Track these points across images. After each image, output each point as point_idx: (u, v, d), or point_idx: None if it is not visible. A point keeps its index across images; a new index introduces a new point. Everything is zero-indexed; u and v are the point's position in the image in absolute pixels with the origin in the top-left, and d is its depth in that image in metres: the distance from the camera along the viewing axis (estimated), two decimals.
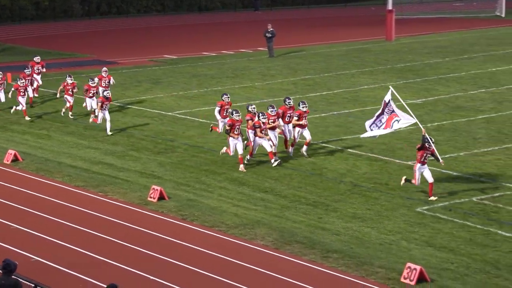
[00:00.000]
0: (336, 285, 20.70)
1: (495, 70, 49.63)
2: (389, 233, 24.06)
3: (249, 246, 23.41)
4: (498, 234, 23.72)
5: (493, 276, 21.03)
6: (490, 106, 40.05)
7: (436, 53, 57.05)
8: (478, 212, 25.29)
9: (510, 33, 67.06)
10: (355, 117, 37.99)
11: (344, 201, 26.83)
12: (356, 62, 54.24)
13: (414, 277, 20.55)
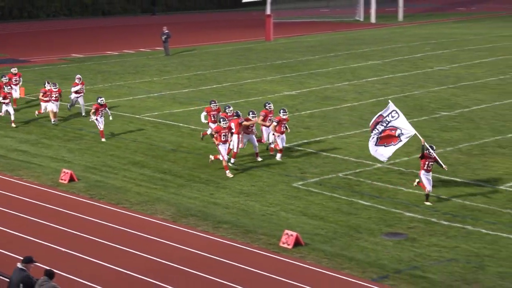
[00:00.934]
0: (226, 251, 21.02)
1: (356, 66, 50.55)
2: (270, 205, 24.54)
3: (150, 220, 23.60)
4: (359, 204, 24.42)
5: (355, 238, 21.75)
6: (352, 96, 40.82)
7: (307, 51, 57.73)
8: (343, 185, 25.94)
9: (367, 35, 68.31)
10: (241, 107, 38.40)
11: (232, 179, 27.18)
12: (240, 59, 54.56)
13: (291, 242, 21.12)
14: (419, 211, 23.49)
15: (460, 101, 38.75)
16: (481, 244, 21.17)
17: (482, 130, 32.96)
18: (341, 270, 19.79)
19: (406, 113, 36.04)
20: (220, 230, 22.59)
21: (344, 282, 19.21)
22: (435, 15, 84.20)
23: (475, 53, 54.26)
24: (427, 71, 47.82)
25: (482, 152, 29.58)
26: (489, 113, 36.14)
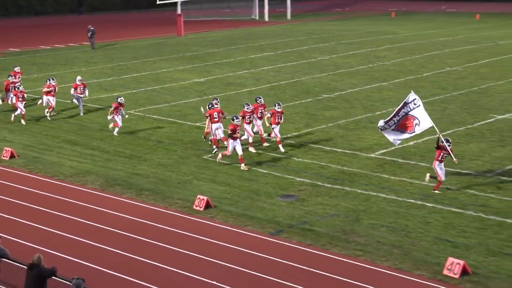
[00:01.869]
0: (148, 214, 21.00)
1: (253, 56, 50.77)
2: (184, 174, 24.54)
3: (82, 189, 23.32)
4: (259, 172, 24.59)
5: (255, 200, 21.97)
6: (251, 82, 41.00)
7: (213, 45, 57.72)
8: (245, 157, 25.94)
9: (262, 31, 68.60)
10: (158, 92, 38.25)
11: (152, 154, 27.06)
12: (156, 52, 54.15)
13: (202, 205, 21.20)
14: (307, 177, 23.83)
15: (338, 85, 39.36)
16: (357, 201, 21.65)
17: (356, 108, 33.60)
18: (244, 227, 19.98)
19: (296, 96, 36.70)
20: (142, 197, 22.50)
21: (247, 236, 19.40)
22: (317, 15, 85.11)
23: (349, 46, 55.12)
24: (311, 61, 48.36)
25: (356, 126, 30.16)
26: (361, 94, 36.83)
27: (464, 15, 76.85)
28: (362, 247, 18.48)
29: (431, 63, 45.90)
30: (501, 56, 47.64)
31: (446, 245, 18.50)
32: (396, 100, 34.89)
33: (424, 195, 21.93)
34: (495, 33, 60.18)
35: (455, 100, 34.77)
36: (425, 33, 62.08)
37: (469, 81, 39.28)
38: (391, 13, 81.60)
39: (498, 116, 31.37)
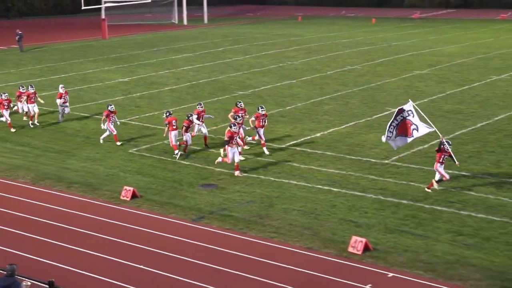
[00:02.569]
0: (78, 205, 20.62)
1: (174, 57, 50.39)
2: (112, 168, 24.19)
3: (13, 183, 22.72)
4: (181, 163, 24.42)
5: (179, 190, 21.83)
6: (172, 81, 40.68)
7: (136, 47, 57.00)
8: (168, 150, 25.76)
9: (181, 34, 68.15)
10: (85, 91, 37.54)
11: (80, 149, 26.57)
12: (82, 54, 53.10)
13: (129, 195, 20.98)
14: (225, 167, 23.80)
15: (252, 83, 39.48)
16: (271, 188, 21.79)
17: (269, 104, 33.73)
18: (168, 215, 19.85)
19: (213, 93, 36.63)
20: (72, 189, 22.07)
21: (171, 223, 19.28)
22: (231, 19, 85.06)
23: (261, 47, 55.36)
24: (227, 61, 48.33)
25: (269, 120, 30.20)
26: (273, 91, 37.05)
27: (362, 19, 78.22)
28: (276, 230, 18.62)
29: (334, 62, 46.56)
30: (394, 55, 48.72)
31: (350, 225, 18.83)
32: (304, 96, 35.35)
33: (331, 181, 22.25)
34: (388, 35, 61.50)
35: (356, 96, 35.38)
36: (328, 35, 62.92)
37: (367, 78, 40.04)
38: (297, 17, 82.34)
39: (392, 109, 32.00)
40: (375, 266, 16.38)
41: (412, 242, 17.59)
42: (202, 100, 35.14)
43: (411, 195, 20.78)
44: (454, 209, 19.59)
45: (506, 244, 17.23)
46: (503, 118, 29.53)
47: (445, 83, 37.67)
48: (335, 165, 23.80)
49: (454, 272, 15.89)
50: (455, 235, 17.92)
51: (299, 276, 15.97)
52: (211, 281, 15.79)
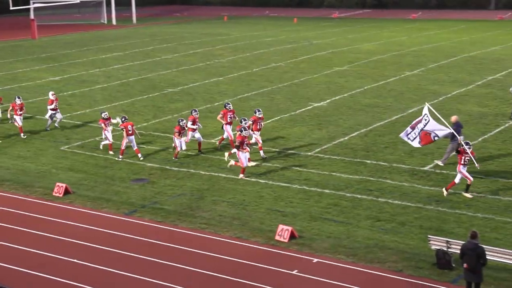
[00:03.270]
0: (9, 203, 20.10)
1: (104, 56, 49.60)
2: (43, 165, 23.65)
3: None
4: (113, 159, 24.05)
5: (111, 185, 21.56)
6: (103, 79, 40.02)
7: (66, 46, 55.80)
8: (96, 145, 25.47)
9: (111, 33, 67.24)
10: (15, 90, 36.45)
11: (11, 147, 25.86)
12: (12, 54, 51.66)
13: (61, 191, 20.57)
14: (156, 162, 23.62)
15: (181, 81, 39.24)
16: (201, 181, 21.74)
17: (197, 101, 33.65)
18: (101, 209, 19.55)
19: (143, 91, 36.22)
20: (3, 187, 21.48)
21: (104, 217, 19.00)
22: (159, 19, 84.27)
23: (189, 46, 55.05)
24: (156, 59, 47.86)
25: (200, 116, 30.18)
26: (202, 88, 36.93)
27: (284, 19, 78.77)
28: (206, 221, 18.60)
29: (259, 60, 46.74)
30: (315, 53, 49.28)
31: (277, 214, 18.98)
32: (232, 92, 35.38)
33: (257, 173, 22.36)
34: (310, 34, 62.16)
35: (281, 91, 35.63)
36: (253, 34, 63.11)
37: (291, 75, 40.37)
38: (223, 17, 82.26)
39: (315, 104, 32.49)
40: (300, 252, 16.57)
41: (334, 229, 17.86)
42: (132, 97, 34.76)
43: (333, 185, 21.10)
44: (373, 197, 19.99)
45: (420, 228, 17.71)
46: (416, 110, 30.29)
47: (363, 79, 38.36)
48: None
49: (374, 256, 16.23)
50: (374, 221, 18.30)
51: (229, 265, 16.00)
52: (144, 272, 15.64)
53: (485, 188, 20.30)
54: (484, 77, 37.29)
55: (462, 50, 48.11)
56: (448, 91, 34.07)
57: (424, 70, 40.45)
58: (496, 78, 37.05)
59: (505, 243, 16.44)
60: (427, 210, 18.86)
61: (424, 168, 22.33)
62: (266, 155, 23.96)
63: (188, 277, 15.48)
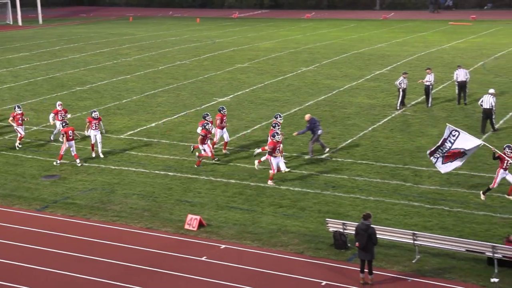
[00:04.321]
0: None
1: (11, 57, 47.66)
2: None
3: None
4: (23, 157, 23.26)
5: (22, 182, 20.79)
6: (10, 79, 38.49)
7: None
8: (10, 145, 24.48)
9: (17, 34, 64.79)
10: None
11: None
12: None
13: None
14: (67, 158, 22.92)
15: (89, 79, 38.29)
16: (111, 176, 21.36)
17: (106, 98, 32.98)
18: (12, 206, 18.87)
19: (52, 89, 35.11)
20: None
21: (16, 214, 18.36)
22: (65, 19, 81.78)
23: (96, 45, 53.75)
24: (64, 59, 46.43)
25: (107, 113, 29.62)
26: (109, 86, 36.19)
27: (188, 19, 78.24)
28: (117, 214, 18.30)
29: (164, 58, 46.26)
30: (218, 51, 49.29)
31: (185, 205, 18.91)
32: (139, 89, 34.87)
33: (167, 166, 22.18)
34: (212, 33, 62.08)
35: (186, 88, 35.44)
36: (158, 33, 62.35)
37: (195, 72, 40.21)
38: (129, 17, 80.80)
39: (219, 99, 32.54)
40: (209, 240, 16.60)
41: (240, 216, 17.99)
42: (41, 96, 33.69)
43: (238, 175, 21.22)
44: (275, 185, 20.25)
45: (318, 212, 18.11)
46: (312, 103, 30.90)
47: (263, 75, 38.71)
48: (170, 152, 23.75)
49: (277, 240, 16.48)
50: (276, 208, 18.56)
51: (141, 255, 15.82)
52: (59, 266, 15.24)
53: (375, 173, 20.99)
54: (372, 72, 38.47)
55: (352, 47, 49.41)
56: (340, 85, 34.93)
57: (319, 66, 41.28)
58: (382, 72, 38.31)
59: (394, 223, 17.08)
60: (324, 196, 19.31)
61: (321, 156, 22.82)
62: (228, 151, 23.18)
63: (103, 268, 15.20)
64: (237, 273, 14.90)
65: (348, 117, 28.19)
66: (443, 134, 18.92)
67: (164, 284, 14.55)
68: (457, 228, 16.73)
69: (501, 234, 16.02)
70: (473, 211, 17.80)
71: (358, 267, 14.43)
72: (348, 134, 25.25)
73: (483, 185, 19.45)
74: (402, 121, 27.21)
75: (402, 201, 18.61)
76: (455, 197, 18.82)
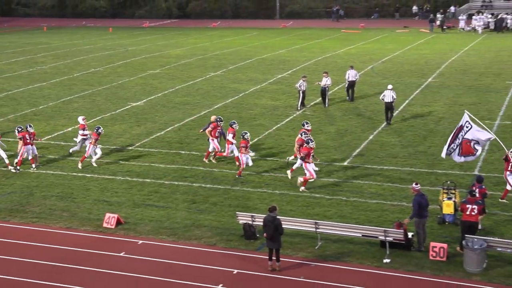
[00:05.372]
0: None
1: None
2: None
3: None
4: None
5: None
6: None
7: None
8: None
9: None
10: None
11: None
12: None
13: None
14: None
15: (5, 87, 36.58)
16: (30, 179, 20.56)
17: (22, 105, 31.66)
18: None
19: None
20: None
21: None
22: None
23: (11, 55, 51.38)
24: None
25: (24, 119, 28.44)
26: (26, 93, 34.75)
27: (100, 29, 76.27)
28: (37, 215, 17.63)
29: (79, 65, 44.91)
30: (131, 58, 48.38)
31: (103, 204, 18.47)
32: (55, 96, 33.70)
33: (84, 168, 21.56)
34: (125, 42, 60.87)
35: (101, 94, 34.58)
36: (73, 42, 60.47)
37: (110, 79, 39.30)
38: (43, 27, 77.92)
39: (133, 103, 31.97)
40: (127, 236, 16.29)
41: (156, 213, 17.76)
42: None
43: (153, 174, 20.93)
44: (188, 183, 20.13)
45: (229, 206, 18.15)
46: (220, 106, 30.93)
47: (174, 80, 38.36)
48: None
49: (191, 233, 16.38)
50: (190, 204, 18.45)
51: (61, 253, 15.32)
52: None
53: (280, 169, 21.26)
54: (275, 76, 38.95)
55: (256, 53, 49.82)
56: (246, 88, 35.14)
57: (226, 71, 41.35)
58: (283, 76, 38.86)
59: (298, 213, 17.37)
60: (234, 191, 19.36)
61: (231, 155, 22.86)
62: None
63: (25, 269, 14.58)
64: (155, 266, 14.70)
65: (254, 117, 28.41)
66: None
67: (86, 280, 14.15)
68: (353, 216, 17.22)
69: (391, 220, 16.63)
70: (367, 200, 18.38)
71: (267, 255, 14.58)
72: (254, 133, 25.44)
73: (375, 175, 20.14)
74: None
75: (304, 193, 18.95)
76: (351, 188, 19.37)
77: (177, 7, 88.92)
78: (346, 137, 24.50)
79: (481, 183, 16.30)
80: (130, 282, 14.06)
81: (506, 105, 29.37)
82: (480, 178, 16.56)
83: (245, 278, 14.15)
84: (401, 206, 17.71)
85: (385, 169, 20.70)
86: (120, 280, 14.16)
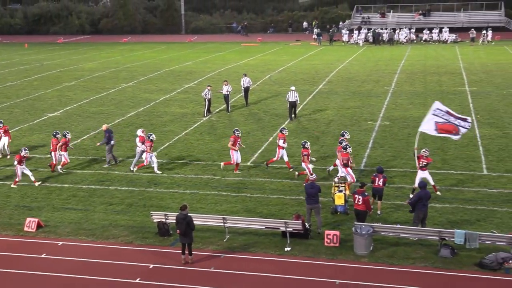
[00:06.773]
0: None
1: None
2: None
3: None
4: None
5: None
6: None
7: None
8: None
9: None
10: None
11: None
12: None
13: None
14: None
15: None
16: None
17: None
18: None
19: None
20: None
21: None
22: None
23: None
24: None
25: None
26: None
27: (16, 45, 72.53)
28: None
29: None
30: (46, 72, 46.37)
31: (24, 209, 17.62)
32: None
33: (4, 176, 20.44)
34: (40, 57, 58.26)
35: (19, 106, 32.90)
36: None
37: (27, 91, 37.48)
38: None
39: (49, 114, 30.68)
40: (47, 238, 15.63)
41: (75, 216, 17.14)
42: None
43: (71, 180, 20.19)
44: (105, 186, 19.58)
45: (144, 207, 17.84)
46: (132, 114, 30.32)
47: (89, 91, 37.16)
48: (6, 163, 21.86)
49: (109, 233, 15.95)
50: (107, 205, 17.95)
51: None
52: None
53: (190, 170, 21.14)
54: (182, 86, 38.67)
55: (164, 65, 49.25)
56: (156, 98, 34.66)
57: (137, 82, 40.57)
58: (191, 86, 38.67)
59: (207, 210, 17.35)
60: (148, 192, 19.05)
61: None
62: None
63: None
64: (75, 265, 14.20)
65: (165, 124, 28.08)
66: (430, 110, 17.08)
67: (9, 283, 13.42)
68: (257, 210, 17.43)
69: (291, 212, 16.98)
70: (269, 195, 18.66)
71: (180, 250, 14.46)
72: (165, 139, 25.15)
73: (275, 173, 20.46)
74: (209, 126, 27.70)
75: (213, 192, 18.96)
76: (255, 185, 19.59)
77: (89, 23, 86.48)
78: (249, 140, 24.75)
79: (382, 173, 16.73)
80: (51, 282, 13.49)
81: (385, 107, 30.80)
82: (380, 169, 16.99)
83: (160, 271, 13.97)
84: (299, 200, 18.12)
85: (284, 167, 21.09)
86: (42, 280, 13.55)
